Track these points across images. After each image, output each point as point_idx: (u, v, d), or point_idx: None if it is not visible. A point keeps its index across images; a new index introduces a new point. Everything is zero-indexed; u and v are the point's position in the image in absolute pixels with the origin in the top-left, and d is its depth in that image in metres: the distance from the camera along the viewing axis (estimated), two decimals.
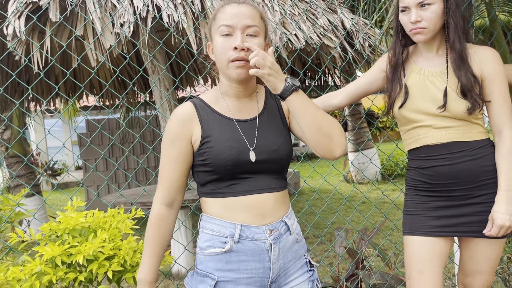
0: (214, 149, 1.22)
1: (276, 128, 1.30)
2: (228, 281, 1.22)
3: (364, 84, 1.78)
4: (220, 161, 1.21)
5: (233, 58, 1.19)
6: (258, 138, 1.26)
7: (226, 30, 1.19)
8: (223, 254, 1.23)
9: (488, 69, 1.56)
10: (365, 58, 2.84)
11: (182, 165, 1.27)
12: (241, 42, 1.18)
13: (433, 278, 1.62)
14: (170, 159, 1.26)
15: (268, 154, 1.25)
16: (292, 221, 1.32)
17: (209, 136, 1.24)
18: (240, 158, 1.22)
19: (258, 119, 1.29)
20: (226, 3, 1.25)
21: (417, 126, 1.63)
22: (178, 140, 1.25)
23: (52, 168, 10.79)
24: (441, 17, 1.54)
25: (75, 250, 1.50)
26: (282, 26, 2.79)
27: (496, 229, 1.52)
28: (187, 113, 1.26)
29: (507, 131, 1.56)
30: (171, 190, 1.28)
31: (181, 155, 1.26)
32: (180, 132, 1.25)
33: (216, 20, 1.23)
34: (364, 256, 2.44)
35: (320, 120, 1.20)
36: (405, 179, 1.74)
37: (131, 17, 2.26)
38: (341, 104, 1.80)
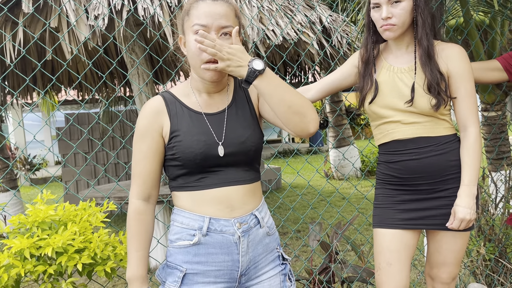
0: (183, 143, 1.22)
1: (244, 120, 1.31)
2: (196, 274, 1.24)
3: (337, 79, 1.81)
4: (188, 155, 1.22)
5: (207, 60, 1.18)
6: (227, 132, 1.27)
7: (200, 30, 1.17)
8: (191, 247, 1.24)
9: (455, 66, 1.60)
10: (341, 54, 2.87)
11: (153, 160, 1.26)
12: None
13: (401, 269, 1.68)
14: (141, 154, 1.25)
15: (235, 147, 1.26)
16: (263, 214, 1.33)
17: (178, 130, 1.24)
18: (208, 152, 1.23)
19: (226, 111, 1.30)
20: None
21: (386, 122, 1.67)
22: (148, 135, 1.25)
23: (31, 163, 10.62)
24: (410, 14, 1.58)
25: (44, 242, 1.49)
26: (259, 22, 2.80)
27: (457, 222, 1.57)
28: (156, 107, 1.26)
29: (471, 127, 1.61)
30: (146, 185, 1.27)
31: (151, 149, 1.25)
32: (149, 126, 1.24)
33: (190, 16, 1.21)
34: (338, 250, 2.48)
35: (290, 99, 1.18)
36: (376, 173, 1.78)
37: (106, 10, 2.24)
38: (314, 98, 1.83)
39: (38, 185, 10.69)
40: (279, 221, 5.50)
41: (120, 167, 6.75)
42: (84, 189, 6.73)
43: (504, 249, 2.79)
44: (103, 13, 2.23)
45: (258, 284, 1.32)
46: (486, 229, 2.79)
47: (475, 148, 1.59)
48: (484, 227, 2.80)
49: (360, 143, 14.69)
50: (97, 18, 2.23)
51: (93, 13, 2.25)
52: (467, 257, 2.85)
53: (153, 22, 2.55)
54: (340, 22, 3.40)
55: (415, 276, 3.23)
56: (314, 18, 3.16)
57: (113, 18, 2.43)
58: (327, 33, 3.31)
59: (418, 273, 3.25)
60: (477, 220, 2.79)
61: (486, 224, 2.81)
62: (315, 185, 8.01)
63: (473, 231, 2.83)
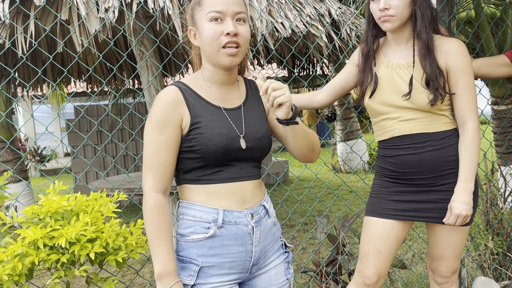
0: (204, 136, 1.22)
1: (258, 118, 1.33)
2: (211, 266, 1.24)
3: (341, 80, 1.82)
4: (210, 148, 1.21)
5: (226, 43, 1.19)
6: (246, 126, 1.29)
7: (216, 16, 1.19)
8: (206, 240, 1.24)
9: (454, 61, 1.59)
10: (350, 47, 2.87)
11: (174, 151, 1.23)
12: (234, 28, 1.19)
13: (388, 258, 1.71)
14: (161, 144, 1.21)
15: (254, 142, 1.28)
16: (269, 205, 1.36)
17: (199, 122, 1.23)
18: (230, 146, 1.23)
19: (242, 108, 1.32)
20: None
21: (385, 119, 1.67)
22: (167, 125, 1.22)
23: (41, 154, 10.73)
24: (409, 6, 1.57)
25: (58, 233, 1.52)
26: (268, 14, 2.80)
27: (453, 218, 1.58)
28: (174, 97, 1.24)
29: (470, 123, 1.60)
30: (165, 177, 1.23)
31: (171, 141, 1.22)
32: (168, 117, 1.22)
33: (203, 6, 1.22)
34: (345, 242, 2.49)
35: (309, 137, 1.34)
36: (375, 166, 1.79)
37: (116, 2, 2.25)
38: (325, 101, 1.85)
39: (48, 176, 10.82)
40: (286, 214, 5.52)
41: (129, 158, 6.81)
42: (94, 180, 6.80)
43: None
44: (113, 5, 2.24)
45: (266, 272, 1.35)
46: (494, 223, 2.79)
47: (473, 144, 1.58)
48: (493, 221, 2.80)
49: (368, 137, 14.63)
50: (107, 11, 2.24)
51: (103, 5, 2.26)
52: (475, 251, 2.85)
53: (162, 15, 2.56)
54: (349, 14, 3.39)
55: (422, 269, 3.23)
56: (323, 10, 3.15)
57: (123, 10, 2.45)
58: (336, 25, 3.30)
59: (425, 266, 3.26)
60: (486, 214, 2.79)
61: (494, 218, 2.80)
62: (322, 178, 8.01)
63: (481, 225, 2.83)
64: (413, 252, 3.34)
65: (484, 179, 2.84)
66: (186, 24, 1.33)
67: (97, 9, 2.29)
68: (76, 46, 2.38)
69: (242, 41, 1.22)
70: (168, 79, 6.32)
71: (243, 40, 1.23)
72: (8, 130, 5.23)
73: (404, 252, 3.65)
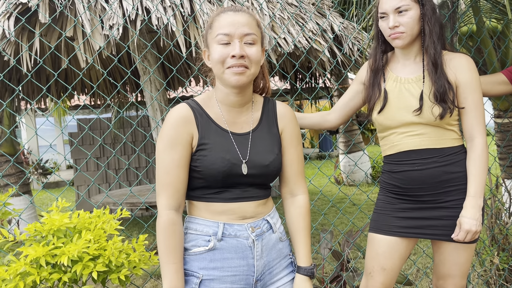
0: (207, 158, 1.23)
1: (269, 144, 1.32)
2: (212, 279, 1.24)
3: (349, 99, 1.82)
4: (211, 171, 1.23)
5: (231, 65, 1.20)
6: (251, 153, 1.28)
7: (224, 39, 1.20)
8: (207, 253, 1.25)
9: (463, 77, 1.60)
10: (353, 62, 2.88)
11: (186, 168, 1.24)
12: (240, 50, 1.19)
13: (393, 275, 1.71)
14: (174, 163, 1.22)
15: (259, 169, 1.28)
16: (275, 220, 1.35)
17: (205, 144, 1.24)
18: (231, 171, 1.24)
19: (251, 134, 1.31)
20: (222, 11, 1.25)
21: (392, 133, 1.67)
22: (179, 144, 1.23)
23: (43, 167, 10.74)
24: (418, 22, 1.58)
25: (60, 251, 1.51)
26: (271, 30, 2.82)
27: (463, 234, 1.56)
28: (186, 115, 1.25)
29: (478, 138, 1.59)
30: (178, 194, 1.24)
31: (183, 158, 1.23)
32: (180, 135, 1.23)
33: (213, 29, 1.24)
34: (349, 258, 2.47)
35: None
36: (379, 181, 1.78)
37: (120, 20, 2.27)
38: (337, 121, 1.84)
39: (50, 189, 10.80)
40: None
41: (131, 172, 6.80)
42: (96, 193, 6.79)
43: None
44: (117, 23, 2.26)
45: None
46: (499, 238, 2.76)
47: (482, 159, 1.58)
48: (498, 236, 2.77)
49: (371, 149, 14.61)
50: (112, 28, 2.26)
51: (108, 22, 2.29)
52: (481, 267, 2.81)
53: (165, 31, 2.58)
54: (351, 29, 3.41)
55: (427, 285, 3.20)
56: (325, 26, 3.17)
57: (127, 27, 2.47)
58: (339, 40, 3.32)
59: (430, 282, 3.22)
60: (491, 229, 2.76)
61: (499, 233, 2.78)
62: (325, 190, 7.98)
63: (487, 240, 2.80)
64: (418, 268, 3.30)
65: (489, 194, 2.82)
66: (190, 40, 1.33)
67: (102, 26, 2.31)
68: (81, 62, 2.40)
69: (249, 63, 1.22)
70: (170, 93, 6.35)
71: (251, 62, 1.23)
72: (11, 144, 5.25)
73: (408, 267, 3.61)
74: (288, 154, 1.37)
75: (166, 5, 2.50)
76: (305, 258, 1.34)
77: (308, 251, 1.35)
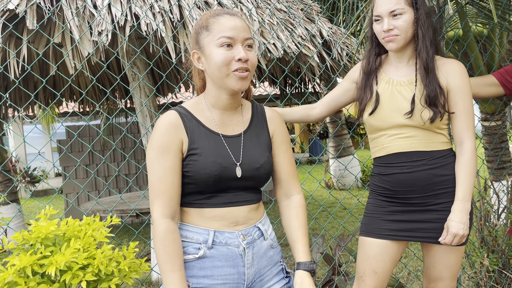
0: (198, 163, 1.22)
1: (259, 147, 1.33)
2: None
3: (337, 95, 1.83)
4: (202, 176, 1.22)
5: (237, 68, 1.21)
6: (243, 155, 1.28)
7: (227, 42, 1.20)
8: (196, 261, 1.24)
9: (454, 82, 1.62)
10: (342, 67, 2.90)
11: (179, 175, 1.23)
12: (246, 54, 1.21)
13: (384, 278, 1.71)
14: (166, 170, 1.21)
15: (250, 172, 1.28)
16: (266, 227, 1.35)
17: (196, 149, 1.24)
18: (223, 175, 1.23)
19: (243, 136, 1.31)
20: (218, 13, 1.25)
21: (382, 135, 1.68)
22: (169, 151, 1.22)
23: (31, 175, 10.60)
24: (412, 26, 1.60)
25: (47, 261, 1.49)
26: (260, 35, 2.83)
27: (450, 237, 1.58)
28: (174, 122, 1.24)
29: (467, 142, 1.61)
30: (173, 202, 1.22)
31: (175, 165, 1.22)
32: (170, 142, 1.22)
33: (212, 31, 1.23)
34: (341, 262, 2.47)
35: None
36: (369, 184, 1.79)
37: (109, 26, 2.26)
38: (320, 115, 1.86)
39: (39, 197, 10.66)
40: (281, 233, 5.48)
41: (121, 178, 6.75)
42: (85, 201, 6.72)
43: (508, 260, 2.78)
44: (106, 29, 2.25)
45: None
46: (489, 240, 2.79)
47: (471, 163, 1.60)
48: (487, 238, 2.80)
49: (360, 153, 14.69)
50: (100, 34, 2.25)
51: (96, 29, 2.27)
52: (471, 269, 2.83)
53: (155, 37, 2.57)
54: (340, 34, 3.43)
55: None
56: (314, 31, 3.19)
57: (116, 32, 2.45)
58: (328, 45, 3.34)
59: (421, 284, 3.23)
60: (480, 231, 2.79)
61: (489, 235, 2.80)
62: (316, 194, 7.99)
63: (476, 242, 2.82)
64: (409, 270, 3.32)
65: (478, 196, 2.85)
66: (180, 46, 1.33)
67: (90, 32, 2.30)
68: (69, 69, 2.38)
69: (251, 66, 1.24)
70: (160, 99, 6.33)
71: (252, 66, 1.25)
72: None
73: (400, 270, 3.63)
74: (280, 156, 1.38)
75: (155, 11, 2.49)
76: (304, 254, 1.33)
77: (307, 247, 1.35)
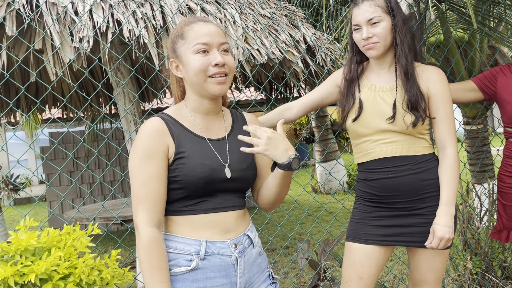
0: (187, 166, 1.21)
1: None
2: None
3: (318, 97, 1.84)
4: (191, 178, 1.20)
5: (214, 73, 1.22)
6: (230, 156, 1.29)
7: (203, 48, 1.22)
8: (189, 273, 1.21)
9: (435, 88, 1.65)
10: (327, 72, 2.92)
11: (164, 181, 1.21)
12: (222, 58, 1.22)
13: (370, 283, 1.71)
14: (150, 175, 1.19)
15: (239, 173, 1.28)
16: (254, 234, 1.35)
17: (183, 152, 1.22)
18: (213, 176, 1.23)
19: (227, 139, 1.32)
20: (191, 21, 1.26)
21: (366, 141, 1.70)
22: (154, 156, 1.20)
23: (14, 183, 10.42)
24: (390, 33, 1.63)
25: (28, 269, 1.46)
26: (244, 42, 2.83)
27: (436, 241, 1.59)
28: (159, 127, 1.23)
29: (450, 147, 1.64)
30: (157, 208, 1.19)
31: (161, 171, 1.20)
32: (155, 147, 1.20)
33: (187, 39, 1.24)
34: (326, 267, 2.47)
35: (286, 189, 1.34)
36: (355, 190, 1.80)
37: (90, 32, 2.24)
38: (297, 116, 1.87)
39: (22, 205, 10.48)
40: (267, 238, 5.47)
41: (106, 186, 6.67)
42: (69, 209, 6.61)
43: (491, 263, 2.82)
44: (88, 35, 2.23)
45: None
46: (472, 243, 2.82)
47: (454, 168, 1.62)
48: (470, 241, 2.83)
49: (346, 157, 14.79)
50: (82, 40, 2.23)
51: (77, 35, 2.25)
52: (454, 272, 2.86)
53: (138, 43, 2.56)
54: (323, 40, 3.46)
55: None
56: (298, 37, 3.21)
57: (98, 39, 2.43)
58: (311, 51, 3.36)
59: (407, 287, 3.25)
60: (463, 234, 2.82)
61: (472, 238, 2.84)
62: (303, 199, 8.01)
63: (460, 245, 2.85)
64: (394, 274, 3.34)
65: (460, 200, 2.88)
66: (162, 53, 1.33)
67: (72, 39, 2.27)
68: (50, 75, 2.35)
69: (229, 70, 1.25)
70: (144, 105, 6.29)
71: (230, 69, 1.26)
72: None
73: (385, 274, 3.65)
74: (263, 158, 1.39)
75: (138, 17, 2.48)
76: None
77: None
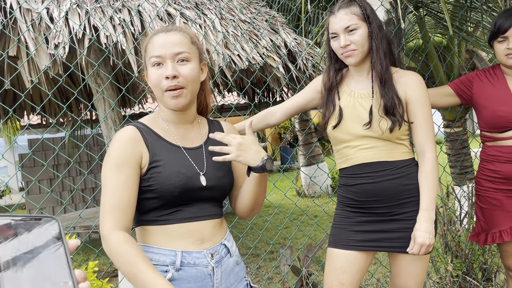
0: (162, 175, 1.18)
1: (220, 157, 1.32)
2: None
3: (300, 102, 1.86)
4: (167, 187, 1.18)
5: (167, 88, 1.20)
6: (207, 165, 1.27)
7: (156, 61, 1.21)
8: None
9: (412, 93, 1.66)
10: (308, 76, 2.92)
11: (134, 191, 1.17)
12: (172, 71, 1.19)
13: None
14: (121, 184, 1.15)
15: (215, 181, 1.26)
16: (231, 244, 1.33)
17: (158, 161, 1.20)
18: (188, 185, 1.21)
19: (204, 146, 1.31)
20: (154, 34, 1.26)
21: (346, 147, 1.70)
22: (126, 165, 1.17)
23: None
24: (367, 40, 1.64)
25: None
26: (224, 47, 2.82)
27: (417, 247, 1.60)
28: (132, 135, 1.21)
29: (429, 152, 1.65)
30: (126, 217, 1.15)
31: (132, 180, 1.17)
32: (128, 156, 1.18)
33: (147, 52, 1.25)
34: (309, 273, 2.47)
35: (263, 193, 1.32)
36: (337, 195, 1.80)
37: (66, 38, 2.20)
38: (280, 121, 1.89)
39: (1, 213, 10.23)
40: (252, 243, 5.45)
41: (88, 192, 6.57)
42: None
43: (471, 265, 2.85)
44: (63, 41, 2.18)
45: None
46: (452, 245, 2.85)
47: (433, 173, 1.63)
48: (451, 244, 2.86)
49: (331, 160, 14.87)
50: (57, 47, 2.19)
51: (53, 41, 2.20)
52: (436, 274, 2.89)
53: (116, 49, 2.52)
54: (304, 45, 3.47)
55: None
56: (279, 42, 3.20)
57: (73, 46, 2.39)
58: (293, 56, 3.37)
59: None
60: (444, 237, 2.85)
61: (452, 240, 2.87)
62: (288, 202, 8.01)
63: (440, 248, 2.88)
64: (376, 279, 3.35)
65: (440, 203, 2.91)
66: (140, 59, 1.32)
67: (47, 46, 2.23)
68: (26, 82, 2.30)
69: (184, 81, 1.22)
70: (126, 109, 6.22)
71: (186, 80, 1.22)
72: None
73: (369, 277, 3.66)
74: (240, 166, 1.38)
75: (116, 22, 2.44)
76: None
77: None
